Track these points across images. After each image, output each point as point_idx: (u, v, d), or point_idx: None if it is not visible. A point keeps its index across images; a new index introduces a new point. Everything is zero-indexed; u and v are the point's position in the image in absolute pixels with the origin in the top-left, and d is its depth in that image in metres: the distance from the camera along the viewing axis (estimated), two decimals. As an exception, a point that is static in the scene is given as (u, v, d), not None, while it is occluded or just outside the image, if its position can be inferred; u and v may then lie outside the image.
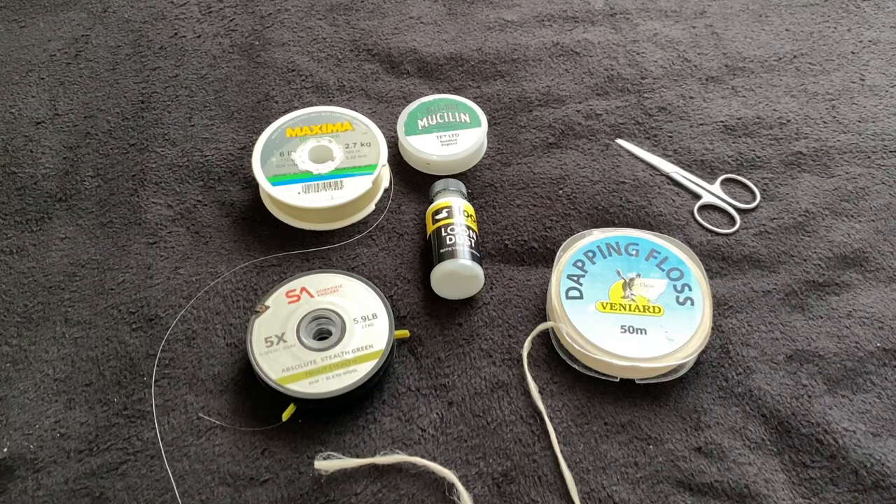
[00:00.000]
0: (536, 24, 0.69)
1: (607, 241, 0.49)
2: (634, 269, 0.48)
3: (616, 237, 0.50)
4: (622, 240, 0.49)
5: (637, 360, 0.44)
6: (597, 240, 0.49)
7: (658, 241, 0.49)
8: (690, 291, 0.47)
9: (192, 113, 0.61)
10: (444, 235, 0.49)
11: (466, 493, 0.40)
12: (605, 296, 0.46)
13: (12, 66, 0.65)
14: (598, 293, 0.47)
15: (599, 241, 0.49)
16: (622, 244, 0.49)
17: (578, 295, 0.46)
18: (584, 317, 0.45)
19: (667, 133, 0.59)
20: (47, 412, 0.44)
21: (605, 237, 0.50)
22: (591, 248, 0.49)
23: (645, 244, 0.49)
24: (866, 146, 0.58)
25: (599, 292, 0.47)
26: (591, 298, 0.46)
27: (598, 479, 0.42)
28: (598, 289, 0.47)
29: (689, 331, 0.45)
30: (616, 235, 0.50)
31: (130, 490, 0.41)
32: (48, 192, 0.56)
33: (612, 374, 0.45)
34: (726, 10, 0.70)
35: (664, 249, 0.49)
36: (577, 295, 0.46)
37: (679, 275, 0.47)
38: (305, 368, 0.44)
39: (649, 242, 0.49)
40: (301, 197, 0.52)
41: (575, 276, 0.47)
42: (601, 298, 0.46)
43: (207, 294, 0.50)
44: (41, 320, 0.49)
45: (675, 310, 0.46)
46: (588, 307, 0.46)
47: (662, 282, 0.47)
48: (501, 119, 0.61)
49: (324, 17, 0.70)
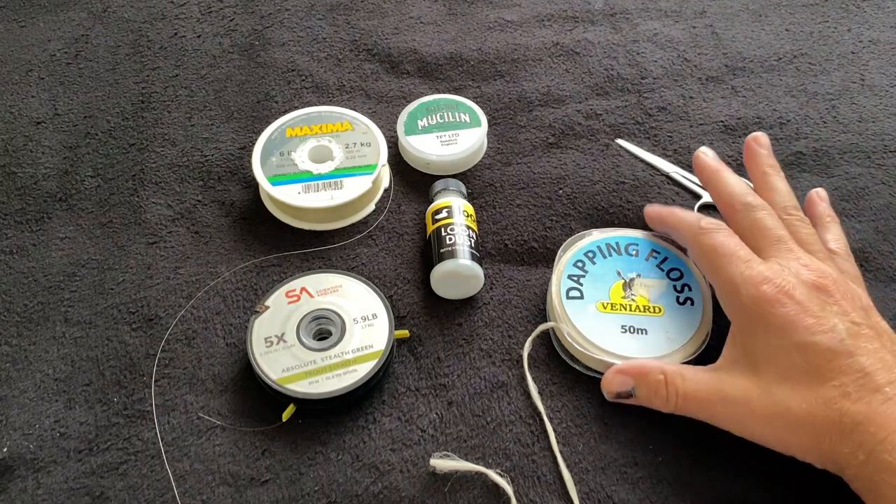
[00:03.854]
0: (536, 24, 0.69)
1: (607, 242, 0.49)
2: (634, 269, 0.48)
3: (616, 237, 0.49)
4: (622, 240, 0.49)
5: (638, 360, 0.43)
6: (597, 240, 0.49)
7: (657, 241, 0.49)
8: (690, 291, 0.47)
9: (192, 113, 0.61)
10: (444, 235, 0.49)
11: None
12: (605, 296, 0.46)
13: (12, 66, 0.65)
14: (599, 293, 0.47)
15: (599, 241, 0.49)
16: (622, 244, 0.49)
17: (579, 295, 0.46)
18: (585, 317, 0.45)
19: (667, 133, 0.60)
20: (47, 412, 0.44)
21: (605, 237, 0.49)
22: (592, 248, 0.49)
23: (644, 244, 0.49)
24: (866, 146, 0.58)
25: (600, 292, 0.47)
26: (591, 299, 0.46)
27: (598, 479, 0.42)
28: (598, 289, 0.47)
29: (689, 331, 0.45)
30: (616, 236, 0.50)
31: (131, 490, 0.41)
32: (48, 192, 0.56)
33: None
34: (726, 10, 0.70)
35: (664, 250, 0.49)
36: (578, 295, 0.46)
37: (679, 275, 0.47)
38: (305, 368, 0.44)
39: (649, 243, 0.49)
40: (301, 197, 0.52)
41: (575, 277, 0.47)
42: (602, 299, 0.46)
43: (207, 294, 0.50)
44: (41, 320, 0.49)
45: (675, 310, 0.46)
46: (588, 307, 0.46)
47: (662, 282, 0.47)
48: (501, 119, 0.61)
49: (324, 17, 0.70)
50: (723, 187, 0.46)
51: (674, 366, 0.41)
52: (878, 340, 0.37)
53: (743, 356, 0.39)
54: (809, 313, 0.37)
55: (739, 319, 0.40)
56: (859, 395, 0.35)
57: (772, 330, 0.38)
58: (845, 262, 0.44)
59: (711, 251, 0.42)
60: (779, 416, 0.37)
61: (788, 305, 0.38)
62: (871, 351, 0.36)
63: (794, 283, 0.39)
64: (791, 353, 0.37)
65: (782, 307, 0.38)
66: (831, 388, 0.36)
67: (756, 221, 0.43)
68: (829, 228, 0.46)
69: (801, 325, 0.37)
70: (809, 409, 0.36)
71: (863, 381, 0.35)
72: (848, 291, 0.39)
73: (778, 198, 0.46)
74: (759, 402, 0.37)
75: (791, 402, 0.36)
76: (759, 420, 0.38)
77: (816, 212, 0.48)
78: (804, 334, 0.37)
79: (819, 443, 0.36)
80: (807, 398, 0.36)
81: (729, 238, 0.42)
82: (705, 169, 0.48)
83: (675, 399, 0.40)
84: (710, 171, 0.48)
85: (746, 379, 0.38)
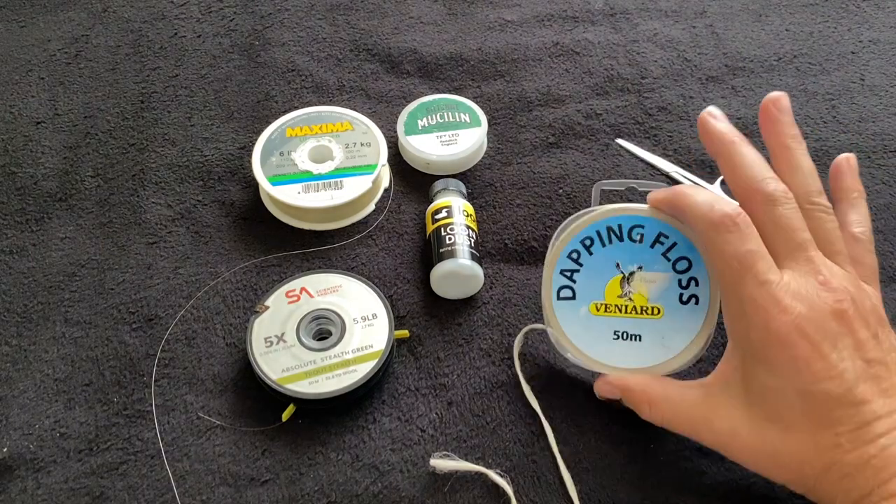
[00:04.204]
0: (536, 24, 0.69)
1: (608, 224, 0.43)
2: (637, 260, 0.43)
3: (620, 217, 0.43)
4: (626, 220, 0.43)
5: (629, 370, 0.42)
6: (597, 222, 0.43)
7: (668, 221, 0.42)
8: (697, 287, 0.42)
9: (192, 113, 0.61)
10: (444, 235, 0.49)
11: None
12: (600, 295, 0.43)
13: (12, 65, 0.65)
14: (594, 292, 0.43)
15: (600, 223, 0.43)
16: (626, 226, 0.43)
17: (571, 295, 0.43)
18: (576, 321, 0.43)
19: (667, 133, 0.60)
20: (47, 412, 0.44)
21: (608, 218, 0.43)
22: (590, 233, 0.43)
23: (652, 226, 0.42)
24: (866, 146, 0.58)
25: (595, 290, 0.43)
26: (584, 299, 0.43)
27: (598, 480, 0.42)
28: (593, 286, 0.43)
29: (688, 336, 0.41)
30: (621, 215, 0.43)
31: (131, 490, 0.41)
32: (48, 192, 0.56)
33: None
34: (726, 10, 0.70)
35: (673, 232, 0.42)
36: (570, 295, 0.43)
37: (686, 265, 0.42)
38: (305, 368, 0.44)
39: (657, 224, 0.42)
40: (301, 197, 0.52)
41: (569, 272, 0.43)
42: (596, 298, 0.43)
43: (207, 294, 0.50)
44: (41, 320, 0.49)
45: (676, 310, 0.42)
46: (580, 310, 0.43)
47: (666, 275, 0.42)
48: (501, 119, 0.61)
49: (324, 17, 0.70)
50: (738, 166, 0.38)
51: (659, 385, 0.40)
52: (890, 378, 0.35)
53: (737, 381, 0.37)
54: (820, 356, 0.34)
55: (742, 345, 0.37)
56: (853, 445, 0.34)
57: (776, 370, 0.35)
58: (867, 252, 0.40)
59: (725, 261, 0.37)
60: (766, 453, 0.36)
61: (800, 347, 0.35)
62: (876, 395, 0.34)
63: (809, 318, 0.35)
64: (791, 397, 0.35)
65: (793, 349, 0.35)
66: (826, 436, 0.34)
67: (778, 219, 0.37)
68: (855, 206, 0.41)
69: (808, 371, 0.34)
70: (799, 453, 0.35)
71: (860, 432, 0.34)
72: (865, 312, 0.36)
73: (800, 179, 0.39)
74: (747, 436, 0.36)
75: (780, 444, 0.35)
76: (745, 452, 0.37)
77: (843, 185, 0.42)
78: (810, 381, 0.34)
79: (804, 482, 0.35)
80: (798, 442, 0.35)
81: (745, 243, 0.36)
82: (715, 138, 0.39)
83: (658, 419, 0.40)
84: (721, 141, 0.39)
85: (736, 409, 0.37)
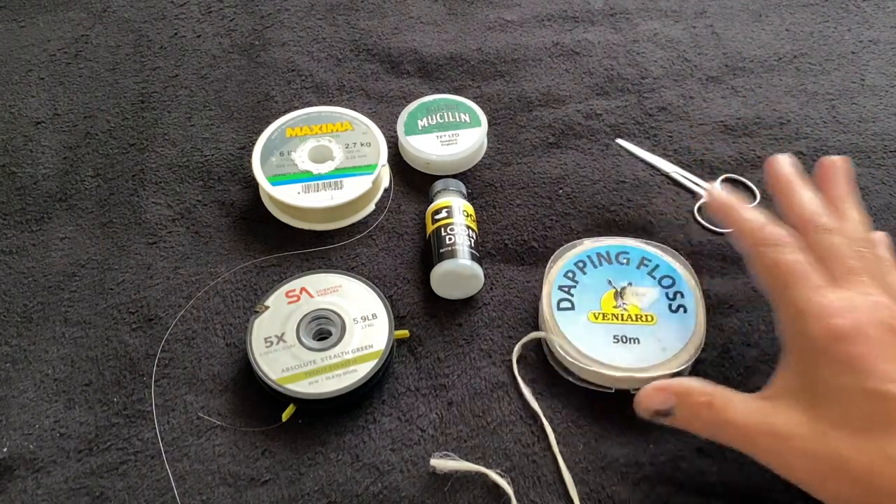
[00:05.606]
0: (536, 24, 0.69)
1: (598, 251, 0.49)
2: (626, 277, 0.48)
3: (606, 246, 0.49)
4: (612, 248, 0.49)
5: (630, 370, 0.43)
6: (587, 250, 0.49)
7: (649, 248, 0.49)
8: (683, 299, 0.46)
9: (192, 113, 0.61)
10: (444, 235, 0.49)
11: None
12: (596, 306, 0.46)
13: (12, 66, 0.65)
14: (590, 303, 0.46)
15: (590, 251, 0.49)
16: (612, 253, 0.49)
17: (570, 306, 0.46)
18: (576, 327, 0.45)
19: (667, 133, 0.59)
20: (47, 412, 0.44)
21: (596, 247, 0.49)
22: (582, 258, 0.48)
23: (636, 252, 0.49)
24: (866, 146, 0.58)
25: (591, 302, 0.46)
26: (582, 309, 0.46)
27: (598, 480, 0.42)
28: (589, 299, 0.46)
29: (682, 339, 0.44)
30: (606, 245, 0.49)
31: (130, 490, 0.41)
32: (48, 192, 0.56)
33: (606, 384, 0.44)
34: (726, 10, 0.70)
35: (654, 257, 0.48)
36: (569, 306, 0.46)
37: (671, 282, 0.47)
38: (305, 368, 0.44)
39: (639, 251, 0.49)
40: (301, 197, 0.52)
41: (566, 288, 0.47)
42: (593, 309, 0.46)
43: (207, 294, 0.50)
44: (41, 320, 0.49)
45: (668, 318, 0.45)
46: (580, 318, 0.46)
47: (654, 289, 0.47)
48: (501, 119, 0.61)
49: (324, 17, 0.70)
50: (795, 203, 0.42)
51: (720, 388, 0.38)
52: None
53: (800, 388, 0.36)
54: (884, 358, 0.34)
55: (803, 349, 0.37)
56: None
57: (840, 368, 0.34)
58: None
59: (777, 269, 0.38)
60: (828, 461, 0.34)
61: (862, 345, 0.34)
62: None
63: (869, 322, 0.35)
64: (857, 397, 0.34)
65: (855, 346, 0.34)
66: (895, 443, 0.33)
67: (831, 246, 0.39)
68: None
69: (873, 370, 0.34)
70: (867, 462, 0.33)
71: None
72: None
73: (850, 227, 0.41)
74: (810, 442, 0.34)
75: (847, 451, 0.33)
76: (804, 460, 0.34)
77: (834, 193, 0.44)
78: (876, 380, 0.33)
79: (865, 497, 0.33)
80: (865, 450, 0.33)
81: (798, 256, 0.38)
82: (780, 179, 0.44)
83: (717, 425, 0.37)
84: (782, 182, 0.44)
85: (801, 413, 0.35)
